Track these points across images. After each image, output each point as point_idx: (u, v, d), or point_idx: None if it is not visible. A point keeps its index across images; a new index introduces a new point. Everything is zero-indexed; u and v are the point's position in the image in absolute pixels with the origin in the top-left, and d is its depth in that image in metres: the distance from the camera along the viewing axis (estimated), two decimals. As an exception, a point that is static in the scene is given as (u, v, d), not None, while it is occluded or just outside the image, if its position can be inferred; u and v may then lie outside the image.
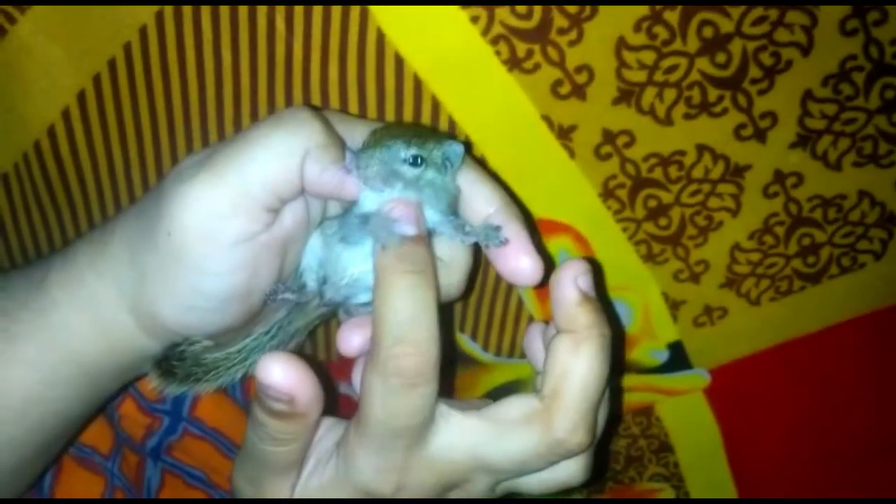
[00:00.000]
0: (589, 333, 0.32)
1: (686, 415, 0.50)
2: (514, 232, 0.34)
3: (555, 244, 0.44)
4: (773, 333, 0.47)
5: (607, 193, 0.42)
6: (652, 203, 0.42)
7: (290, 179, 0.32)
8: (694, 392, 0.49)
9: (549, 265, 0.35)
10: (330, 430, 0.34)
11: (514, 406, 0.33)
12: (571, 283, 0.33)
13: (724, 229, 0.43)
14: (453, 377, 0.48)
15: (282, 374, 0.31)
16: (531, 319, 0.46)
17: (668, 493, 0.53)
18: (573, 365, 0.32)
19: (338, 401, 0.36)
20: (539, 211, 0.42)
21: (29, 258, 0.46)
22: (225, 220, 0.32)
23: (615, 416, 0.50)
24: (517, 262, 0.34)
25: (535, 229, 0.40)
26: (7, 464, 0.36)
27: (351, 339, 0.34)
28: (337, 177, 0.33)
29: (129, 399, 0.46)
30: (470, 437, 0.32)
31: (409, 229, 0.32)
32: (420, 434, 0.32)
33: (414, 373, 0.30)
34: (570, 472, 0.34)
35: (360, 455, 0.32)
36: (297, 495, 0.34)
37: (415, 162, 0.33)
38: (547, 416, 0.32)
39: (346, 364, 0.46)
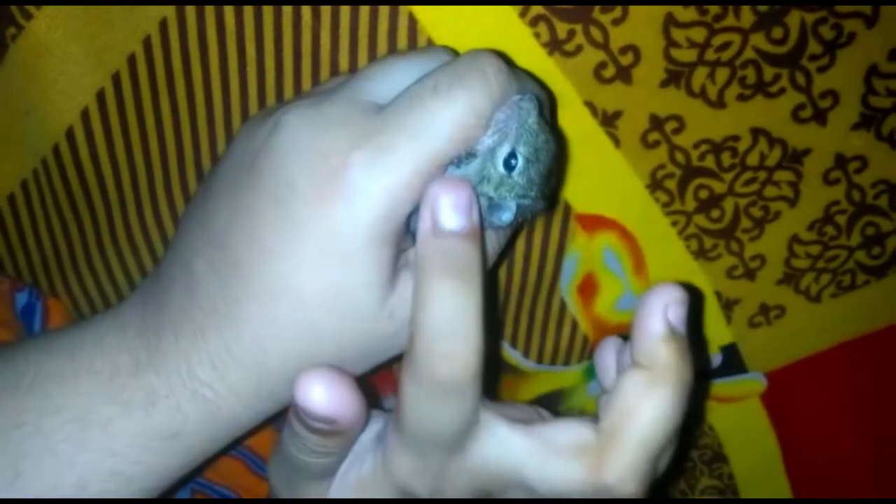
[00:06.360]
0: (666, 375, 0.29)
1: (741, 423, 0.47)
2: None
3: (599, 241, 0.41)
4: (835, 332, 0.44)
5: (655, 184, 0.39)
6: (703, 194, 0.40)
7: None
8: (750, 398, 0.46)
9: None
10: (369, 422, 0.33)
11: (566, 432, 0.30)
12: (660, 313, 0.29)
13: (782, 220, 0.40)
14: (497, 384, 0.46)
15: (322, 396, 0.29)
16: (574, 324, 0.44)
17: (722, 510, 0.51)
18: (641, 406, 0.29)
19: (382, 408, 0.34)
20: (582, 206, 0.40)
21: (50, 272, 0.45)
22: None
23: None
24: None
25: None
26: None
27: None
28: None
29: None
30: (512, 453, 0.30)
31: (460, 221, 0.29)
32: (458, 441, 0.30)
33: (448, 385, 0.28)
34: None
35: (398, 454, 0.31)
36: (334, 488, 0.32)
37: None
38: (599, 455, 0.29)
39: (393, 376, 0.45)
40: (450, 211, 0.29)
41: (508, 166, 0.31)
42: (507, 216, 0.31)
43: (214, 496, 0.47)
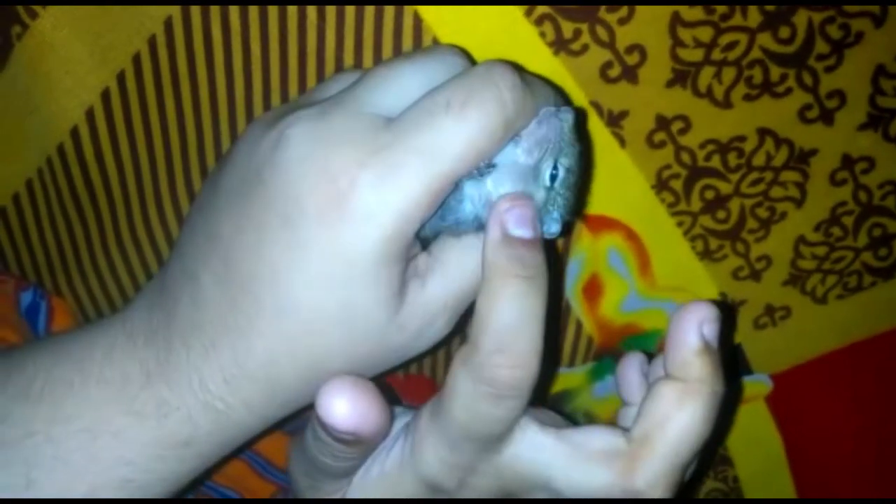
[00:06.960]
0: (700, 387, 0.30)
1: (747, 425, 0.47)
2: None
3: (604, 242, 0.41)
4: (841, 334, 0.44)
5: (661, 185, 0.39)
6: (709, 194, 0.39)
7: None
8: (755, 400, 0.46)
9: None
10: (396, 416, 0.33)
11: (597, 437, 0.31)
12: (695, 328, 0.30)
13: (788, 221, 0.40)
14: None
15: (345, 410, 0.29)
16: (579, 325, 0.43)
17: (727, 513, 0.50)
18: (675, 416, 0.30)
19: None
20: (587, 206, 0.40)
21: (55, 271, 0.45)
22: None
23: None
24: None
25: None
26: None
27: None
28: None
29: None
30: (542, 456, 0.30)
31: (527, 232, 0.30)
32: (496, 441, 0.30)
33: (508, 386, 0.29)
34: None
35: (430, 445, 0.31)
36: (356, 484, 0.32)
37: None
38: (631, 461, 0.30)
39: (414, 382, 0.44)
40: (517, 221, 0.30)
41: (551, 178, 0.31)
42: (555, 228, 0.32)
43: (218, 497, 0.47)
